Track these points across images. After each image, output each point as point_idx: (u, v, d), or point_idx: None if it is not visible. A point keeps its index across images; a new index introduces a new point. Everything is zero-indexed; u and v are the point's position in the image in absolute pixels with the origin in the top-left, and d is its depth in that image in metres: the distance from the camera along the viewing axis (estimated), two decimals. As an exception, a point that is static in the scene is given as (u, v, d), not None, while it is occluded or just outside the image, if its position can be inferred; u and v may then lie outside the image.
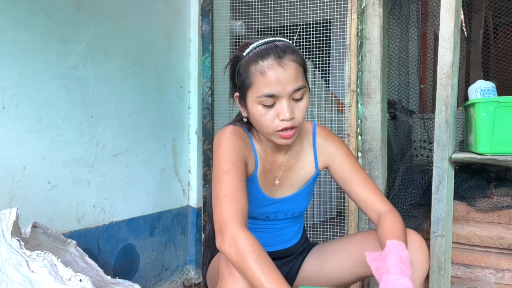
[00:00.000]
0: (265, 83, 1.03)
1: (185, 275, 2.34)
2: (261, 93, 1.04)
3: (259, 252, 0.92)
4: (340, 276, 1.24)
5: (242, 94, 1.11)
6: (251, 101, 1.07)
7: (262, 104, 1.05)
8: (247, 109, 1.11)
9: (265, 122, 1.07)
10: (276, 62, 1.04)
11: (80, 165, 1.70)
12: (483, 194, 1.95)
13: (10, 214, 1.22)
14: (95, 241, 1.77)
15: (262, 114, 1.06)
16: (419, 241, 1.13)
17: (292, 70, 1.05)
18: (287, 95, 1.04)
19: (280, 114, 1.05)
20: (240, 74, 1.10)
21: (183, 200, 2.31)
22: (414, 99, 2.96)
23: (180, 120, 2.28)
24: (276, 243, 1.28)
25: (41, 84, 1.55)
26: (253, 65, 1.06)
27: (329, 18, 2.05)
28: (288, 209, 1.25)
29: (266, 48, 1.06)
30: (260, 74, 1.04)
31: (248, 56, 1.08)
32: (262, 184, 1.20)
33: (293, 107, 1.06)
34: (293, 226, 1.31)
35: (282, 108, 1.04)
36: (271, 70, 1.03)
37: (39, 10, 1.54)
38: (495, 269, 1.77)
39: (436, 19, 2.27)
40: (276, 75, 1.03)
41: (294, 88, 1.05)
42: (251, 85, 1.06)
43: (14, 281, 1.14)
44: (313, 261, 1.30)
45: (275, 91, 1.03)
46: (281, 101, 1.05)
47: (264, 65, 1.04)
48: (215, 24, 2.31)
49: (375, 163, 1.86)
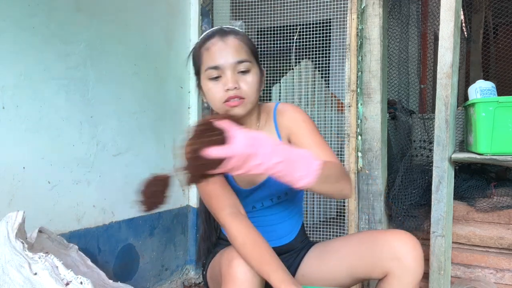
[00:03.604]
0: (210, 57, 1.14)
1: (185, 275, 2.34)
2: (207, 66, 1.14)
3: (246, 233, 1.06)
4: (337, 277, 1.24)
5: (198, 79, 1.21)
6: (203, 80, 1.17)
7: (209, 79, 1.14)
8: (203, 91, 1.20)
9: (214, 95, 1.15)
10: (219, 39, 1.15)
11: (80, 165, 1.70)
12: (483, 194, 1.95)
13: (16, 217, 1.23)
14: (95, 241, 1.77)
15: (210, 87, 1.15)
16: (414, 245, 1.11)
17: (234, 44, 1.15)
18: (230, 66, 1.13)
19: (225, 85, 1.13)
20: (194, 60, 1.21)
21: (183, 200, 2.31)
22: (414, 99, 2.96)
23: (180, 120, 2.28)
24: (273, 238, 1.27)
25: (41, 84, 1.55)
26: (201, 47, 1.17)
27: (329, 18, 2.06)
28: (270, 193, 1.25)
29: (212, 31, 1.19)
30: (206, 51, 1.15)
31: (199, 41, 1.20)
32: (236, 177, 1.23)
33: (238, 79, 1.14)
34: (289, 219, 1.31)
35: (226, 79, 1.13)
36: (214, 45, 1.14)
37: (39, 10, 1.54)
38: (495, 269, 1.77)
39: (436, 19, 2.27)
40: (218, 48, 1.14)
41: (236, 60, 1.13)
42: (201, 64, 1.17)
43: (16, 283, 1.14)
44: (312, 259, 1.31)
45: (218, 62, 1.13)
46: (225, 73, 1.13)
47: (209, 43, 1.16)
48: (215, 24, 2.31)
49: (375, 163, 1.86)
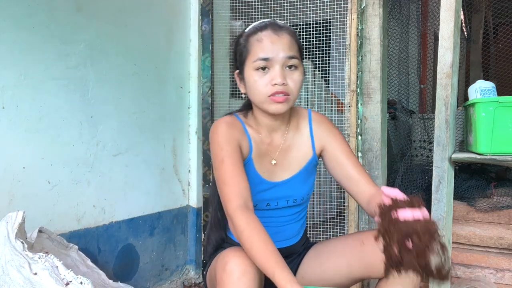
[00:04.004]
0: (261, 48, 1.13)
1: (185, 275, 2.34)
2: (256, 57, 1.13)
3: (253, 227, 1.01)
4: (336, 277, 1.24)
5: (240, 67, 1.20)
6: (248, 69, 1.16)
7: (256, 70, 1.13)
8: (244, 82, 1.19)
9: (258, 87, 1.14)
10: (272, 32, 1.14)
11: (80, 165, 1.70)
12: (483, 194, 1.95)
13: (16, 217, 1.24)
14: (95, 241, 1.77)
15: (256, 79, 1.14)
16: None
17: (287, 39, 1.14)
18: (281, 61, 1.12)
19: (273, 79, 1.12)
20: (240, 48, 1.19)
21: (183, 200, 2.31)
22: (414, 99, 2.96)
23: (180, 120, 2.28)
24: (280, 239, 1.27)
25: (41, 84, 1.55)
26: (252, 36, 1.16)
27: (329, 18, 2.05)
28: (288, 195, 1.26)
29: (265, 23, 1.17)
30: (257, 41, 1.14)
31: (249, 30, 1.19)
32: (259, 167, 1.23)
33: (286, 75, 1.13)
34: (296, 222, 1.31)
35: (275, 73, 1.12)
36: (267, 37, 1.13)
37: (39, 10, 1.54)
38: (495, 269, 1.77)
39: (436, 19, 2.27)
40: (272, 41, 1.13)
41: (287, 55, 1.13)
42: (248, 53, 1.15)
43: (16, 283, 1.14)
44: (312, 260, 1.30)
45: (269, 55, 1.12)
46: (274, 67, 1.12)
47: (261, 34, 1.14)
48: (215, 24, 2.31)
49: (375, 163, 1.86)
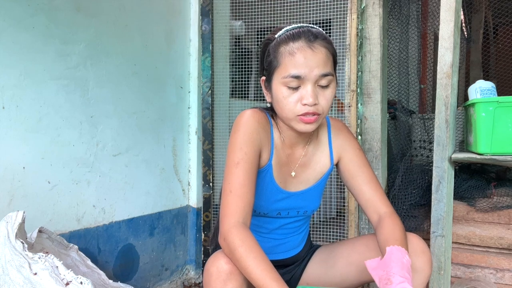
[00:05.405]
0: (293, 64, 1.02)
1: (185, 275, 2.34)
2: (287, 73, 1.02)
3: (249, 245, 0.95)
4: (345, 283, 1.23)
5: (268, 76, 1.09)
6: (276, 83, 1.05)
7: (287, 86, 1.03)
8: (271, 92, 1.09)
9: (287, 105, 1.04)
10: (306, 44, 1.02)
11: (80, 165, 1.70)
12: (483, 194, 1.95)
13: (16, 217, 1.24)
14: (95, 241, 1.77)
15: (285, 96, 1.04)
16: (421, 247, 1.11)
17: (322, 54, 1.03)
18: (313, 79, 1.02)
19: (303, 98, 1.02)
20: (269, 55, 1.08)
21: (183, 200, 2.31)
22: (414, 99, 2.96)
23: (180, 120, 2.28)
24: (281, 250, 1.26)
25: (41, 84, 1.55)
26: (283, 45, 1.04)
27: (329, 18, 2.05)
28: (301, 206, 1.22)
29: (299, 31, 1.04)
30: (289, 55, 1.02)
31: (280, 37, 1.06)
32: (277, 176, 1.16)
33: (317, 93, 1.04)
34: (298, 234, 1.28)
35: (306, 92, 1.02)
36: (300, 51, 1.01)
37: (39, 10, 1.54)
38: (495, 269, 1.77)
39: (436, 19, 2.27)
40: (305, 57, 1.01)
41: (321, 73, 1.03)
42: (278, 65, 1.04)
43: (16, 283, 1.14)
44: (317, 267, 1.28)
45: (302, 73, 1.01)
46: (306, 85, 1.02)
47: (294, 46, 1.02)
48: (215, 24, 2.31)
49: (375, 163, 1.86)
